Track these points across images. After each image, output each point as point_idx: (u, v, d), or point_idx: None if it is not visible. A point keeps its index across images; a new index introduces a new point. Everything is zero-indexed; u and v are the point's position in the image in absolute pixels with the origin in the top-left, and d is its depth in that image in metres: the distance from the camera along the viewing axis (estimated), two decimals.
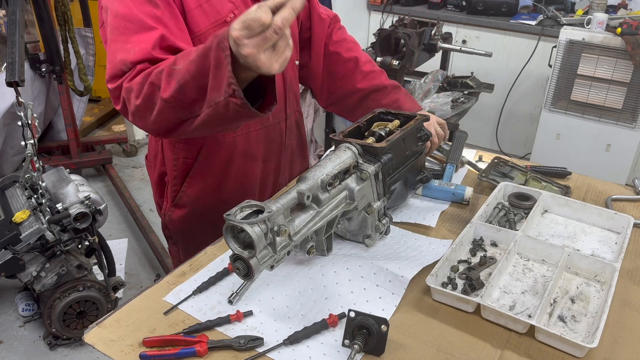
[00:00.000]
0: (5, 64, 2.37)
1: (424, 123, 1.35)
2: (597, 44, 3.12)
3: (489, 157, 1.68)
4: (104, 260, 2.31)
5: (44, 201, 2.16)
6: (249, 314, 1.04)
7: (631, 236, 1.27)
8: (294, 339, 0.98)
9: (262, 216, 0.95)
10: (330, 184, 1.09)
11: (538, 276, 1.17)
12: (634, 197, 1.50)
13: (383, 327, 0.94)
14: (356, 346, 0.93)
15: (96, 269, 2.38)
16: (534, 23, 3.70)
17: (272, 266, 1.01)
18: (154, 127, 1.15)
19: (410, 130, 1.28)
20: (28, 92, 3.29)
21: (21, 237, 2.09)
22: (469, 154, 1.70)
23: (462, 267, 1.19)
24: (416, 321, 1.05)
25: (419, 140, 1.35)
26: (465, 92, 3.21)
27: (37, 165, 2.15)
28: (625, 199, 1.49)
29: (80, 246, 2.27)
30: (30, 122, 2.08)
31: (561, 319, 1.06)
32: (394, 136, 1.22)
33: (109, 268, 2.34)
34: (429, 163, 1.65)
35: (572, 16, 3.63)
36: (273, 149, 1.51)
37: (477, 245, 1.26)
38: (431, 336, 1.01)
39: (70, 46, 3.42)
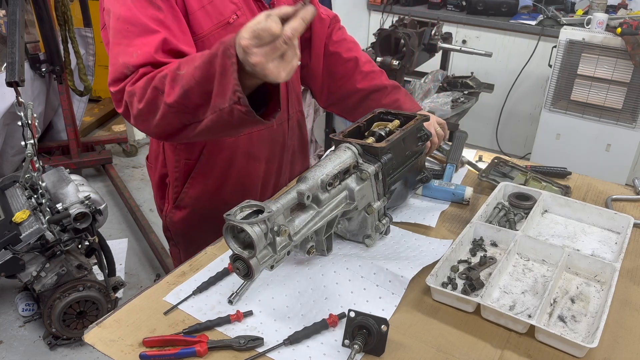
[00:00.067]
0: (5, 64, 2.37)
1: (424, 123, 1.35)
2: (597, 44, 3.12)
3: (489, 157, 1.68)
4: (104, 260, 2.31)
5: (44, 201, 2.16)
6: (249, 314, 1.04)
7: (631, 236, 1.27)
8: (294, 339, 0.98)
9: (262, 216, 0.95)
10: (330, 184, 1.09)
11: (538, 276, 1.17)
12: (634, 197, 1.50)
13: (383, 327, 0.94)
14: (356, 346, 0.93)
15: (96, 269, 2.38)
16: (534, 23, 3.70)
17: (272, 266, 1.01)
18: (156, 131, 1.15)
19: (410, 130, 1.28)
20: (28, 92, 3.29)
21: (21, 237, 2.09)
22: (469, 154, 1.70)
23: (462, 267, 1.19)
24: (416, 321, 1.05)
25: (419, 140, 1.35)
26: (465, 92, 3.21)
27: (37, 165, 2.15)
28: (625, 199, 1.49)
29: (80, 246, 2.27)
30: (30, 122, 2.08)
31: (561, 319, 1.06)
32: (394, 136, 1.22)
33: (109, 268, 2.34)
34: (429, 163, 1.65)
35: (572, 16, 3.63)
36: (275, 150, 1.51)
37: (477, 245, 1.26)
38: (431, 336, 1.01)
39: (70, 46, 3.42)
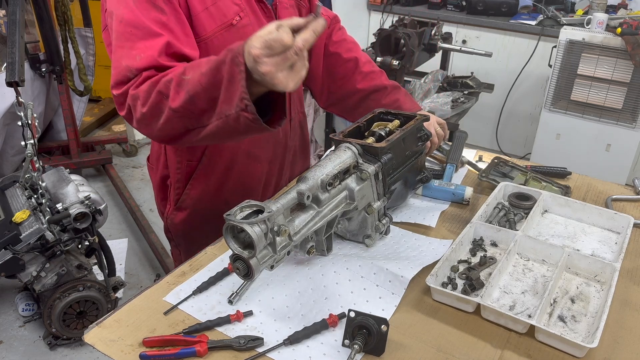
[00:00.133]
0: (5, 64, 2.37)
1: (424, 123, 1.35)
2: (597, 44, 3.11)
3: (489, 157, 1.68)
4: (104, 260, 2.31)
5: (44, 201, 2.16)
6: (249, 314, 1.04)
7: (631, 236, 1.27)
8: (294, 339, 0.98)
9: (262, 216, 0.95)
10: (330, 184, 1.09)
11: (538, 276, 1.17)
12: (634, 197, 1.50)
13: (383, 327, 0.94)
14: (356, 346, 0.93)
15: (96, 269, 2.38)
16: (534, 23, 3.70)
17: (272, 266, 1.01)
18: (159, 135, 1.15)
19: (410, 130, 1.28)
20: (28, 92, 3.29)
21: (21, 237, 2.09)
22: (469, 154, 1.70)
23: (462, 267, 1.19)
24: (416, 321, 1.05)
25: (419, 140, 1.35)
26: (465, 92, 3.21)
27: (37, 165, 2.15)
28: (625, 199, 1.49)
29: (80, 246, 2.27)
30: (30, 122, 2.08)
31: (561, 319, 1.06)
32: (394, 136, 1.22)
33: (109, 268, 2.34)
34: (429, 163, 1.65)
35: (572, 16, 3.63)
36: (277, 151, 1.51)
37: (477, 245, 1.26)
38: (431, 336, 1.01)
39: (70, 46, 3.42)
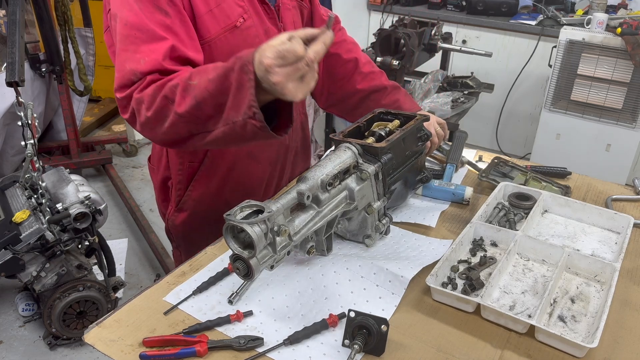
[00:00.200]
0: (5, 64, 2.37)
1: (424, 123, 1.35)
2: (597, 44, 3.11)
3: (489, 157, 1.68)
4: (104, 260, 2.31)
5: (44, 201, 2.16)
6: (249, 314, 1.04)
7: (631, 236, 1.27)
8: (294, 339, 0.98)
9: (262, 216, 0.95)
10: (330, 184, 1.09)
11: (538, 276, 1.17)
12: (634, 197, 1.50)
13: (383, 327, 0.94)
14: (356, 346, 0.93)
15: (96, 269, 2.38)
16: (534, 23, 3.70)
17: (272, 266, 1.01)
18: (163, 139, 1.15)
19: (410, 130, 1.28)
20: (28, 92, 3.29)
21: (21, 237, 2.09)
22: (469, 154, 1.70)
23: (462, 267, 1.19)
24: (416, 321, 1.05)
25: (419, 140, 1.35)
26: (465, 92, 3.21)
27: (37, 165, 2.15)
28: (625, 199, 1.49)
29: (80, 246, 2.27)
30: (30, 122, 2.08)
31: (561, 319, 1.06)
32: (394, 136, 1.22)
33: (109, 268, 2.34)
34: (429, 163, 1.65)
35: (572, 16, 3.63)
36: (279, 152, 1.50)
37: (477, 245, 1.26)
38: (431, 336, 1.01)
39: (70, 46, 3.42)
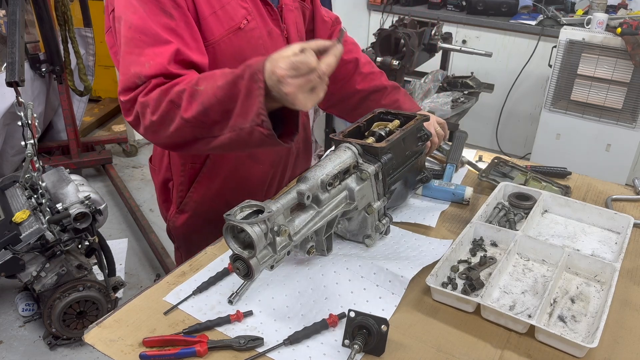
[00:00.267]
0: (5, 64, 2.37)
1: (424, 123, 1.35)
2: (597, 44, 3.11)
3: (489, 157, 1.68)
4: (104, 260, 2.31)
5: (44, 201, 2.16)
6: (249, 314, 1.04)
7: (631, 236, 1.27)
8: (294, 339, 0.98)
9: (262, 216, 0.95)
10: (330, 184, 1.09)
11: (538, 276, 1.17)
12: (634, 197, 1.50)
13: (383, 327, 0.94)
14: (356, 346, 0.93)
15: (96, 269, 2.38)
16: (534, 23, 3.70)
17: (272, 266, 1.01)
18: (167, 142, 1.15)
19: (410, 130, 1.28)
20: (28, 92, 3.29)
21: (21, 237, 2.09)
22: (469, 154, 1.70)
23: (462, 267, 1.19)
24: (416, 321, 1.05)
25: (419, 140, 1.35)
26: (465, 92, 3.20)
27: (37, 165, 2.15)
28: (625, 199, 1.49)
29: (80, 246, 2.27)
30: (30, 122, 2.08)
31: (561, 319, 1.06)
32: (394, 136, 1.22)
33: (109, 268, 2.34)
34: (429, 163, 1.65)
35: (572, 16, 3.63)
36: (280, 153, 1.50)
37: (477, 245, 1.26)
38: (431, 336, 1.01)
39: (70, 46, 3.42)
